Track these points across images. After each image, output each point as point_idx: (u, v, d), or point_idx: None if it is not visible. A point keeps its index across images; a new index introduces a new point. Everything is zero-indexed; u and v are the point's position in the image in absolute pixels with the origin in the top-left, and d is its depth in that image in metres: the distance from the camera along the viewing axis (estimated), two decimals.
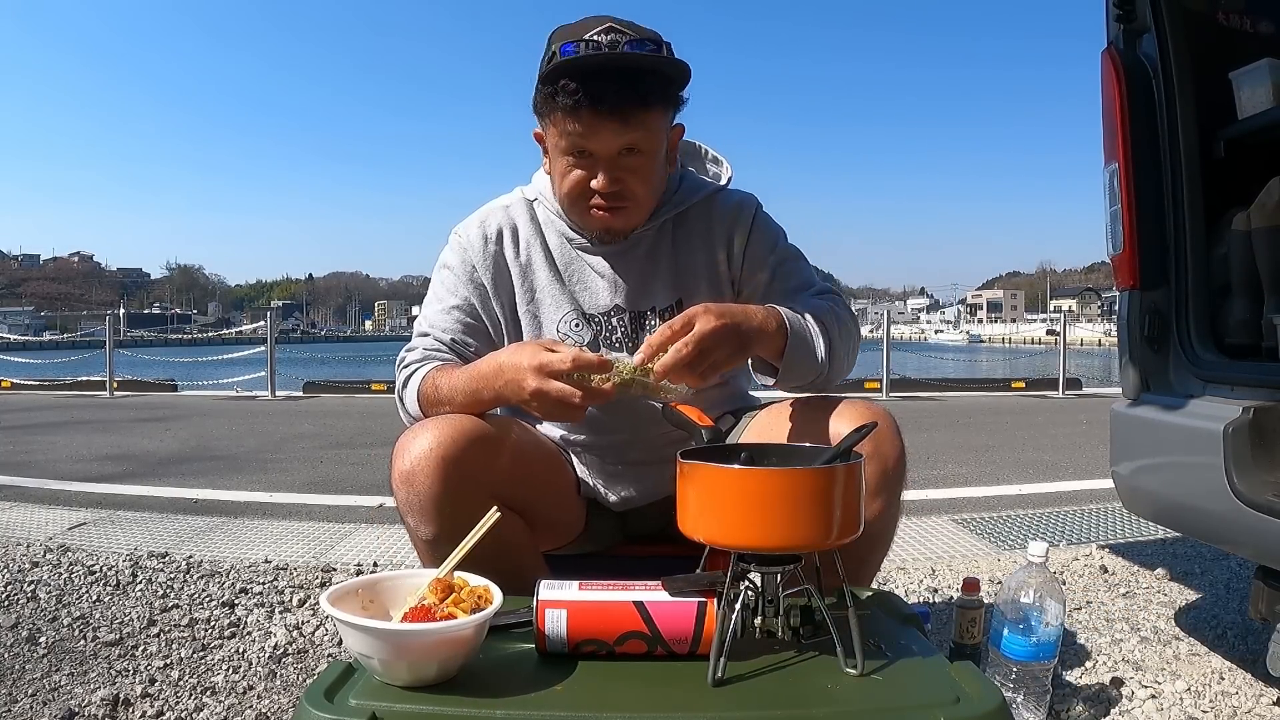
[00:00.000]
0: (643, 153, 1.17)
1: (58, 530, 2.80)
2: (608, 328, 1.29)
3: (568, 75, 1.11)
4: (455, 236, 1.33)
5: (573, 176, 1.19)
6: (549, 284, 1.30)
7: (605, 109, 1.11)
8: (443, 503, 1.05)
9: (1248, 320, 1.60)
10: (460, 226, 1.33)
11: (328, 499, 3.49)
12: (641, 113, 1.14)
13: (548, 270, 1.30)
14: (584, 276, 1.30)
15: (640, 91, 1.12)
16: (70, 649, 1.70)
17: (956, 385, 9.57)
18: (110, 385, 9.28)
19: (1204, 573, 2.23)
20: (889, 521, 1.17)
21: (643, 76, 1.12)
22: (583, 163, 1.17)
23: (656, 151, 1.20)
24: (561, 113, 1.13)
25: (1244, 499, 1.31)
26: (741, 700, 0.76)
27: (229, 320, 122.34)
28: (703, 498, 0.82)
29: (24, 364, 11.68)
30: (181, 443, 5.35)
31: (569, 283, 1.30)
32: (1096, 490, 3.43)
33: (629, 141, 1.15)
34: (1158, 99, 1.64)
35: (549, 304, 1.30)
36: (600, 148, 1.15)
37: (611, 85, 1.10)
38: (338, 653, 1.69)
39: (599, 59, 1.11)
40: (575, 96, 1.10)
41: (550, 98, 1.13)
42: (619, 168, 1.17)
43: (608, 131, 1.13)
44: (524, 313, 1.30)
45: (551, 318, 1.29)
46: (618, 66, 1.11)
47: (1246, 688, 1.51)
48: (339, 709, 0.73)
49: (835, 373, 1.21)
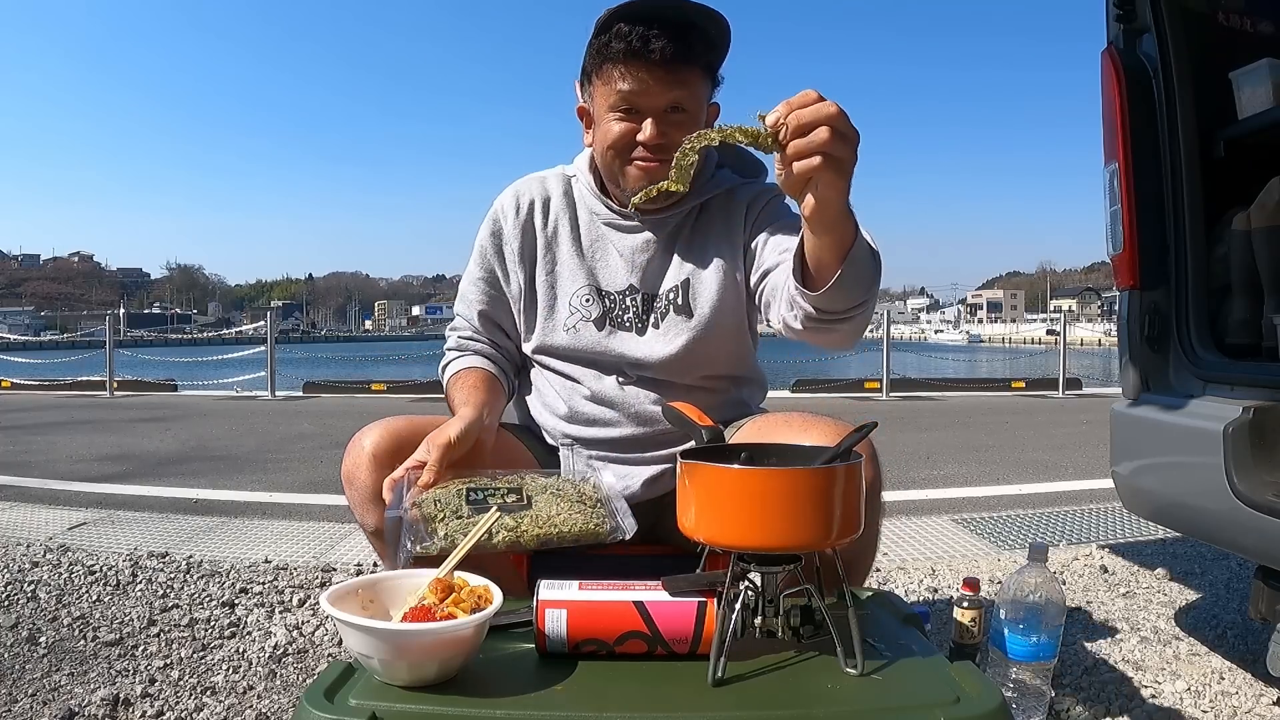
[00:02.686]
0: (687, 111, 1.22)
1: (58, 530, 2.80)
2: (620, 306, 1.32)
3: (622, 20, 1.17)
4: (492, 209, 1.38)
5: (618, 128, 1.23)
6: (570, 257, 1.33)
7: (655, 57, 1.16)
8: (378, 497, 1.11)
9: (1248, 320, 1.60)
10: (500, 196, 1.39)
11: (328, 499, 3.49)
12: (685, 68, 1.19)
13: (571, 244, 1.34)
14: (605, 254, 1.33)
15: (687, 43, 1.18)
16: (70, 649, 1.70)
17: (956, 385, 9.57)
18: (110, 385, 9.28)
19: (1204, 573, 2.23)
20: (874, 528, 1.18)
21: (689, 31, 1.18)
22: (630, 118, 1.22)
23: (698, 114, 1.24)
24: (611, 62, 1.19)
25: (1244, 499, 1.31)
26: (741, 700, 0.76)
27: (229, 320, 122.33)
28: (703, 498, 0.82)
29: (24, 364, 11.68)
30: (181, 443, 5.35)
31: (589, 258, 1.33)
32: (1096, 490, 3.43)
33: (675, 98, 1.20)
34: (1158, 99, 1.64)
35: (566, 276, 1.33)
36: (648, 102, 1.20)
37: (663, 34, 1.16)
38: (338, 653, 1.69)
39: (652, 6, 1.17)
40: (628, 40, 1.16)
41: (604, 47, 1.19)
42: (665, 123, 1.21)
43: (656, 83, 1.18)
44: (541, 283, 1.34)
45: (566, 290, 1.33)
46: (670, 18, 1.17)
47: (1246, 688, 1.51)
48: (339, 709, 0.73)
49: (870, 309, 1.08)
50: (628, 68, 1.18)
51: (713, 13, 1.20)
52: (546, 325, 1.34)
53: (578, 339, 1.32)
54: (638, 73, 1.18)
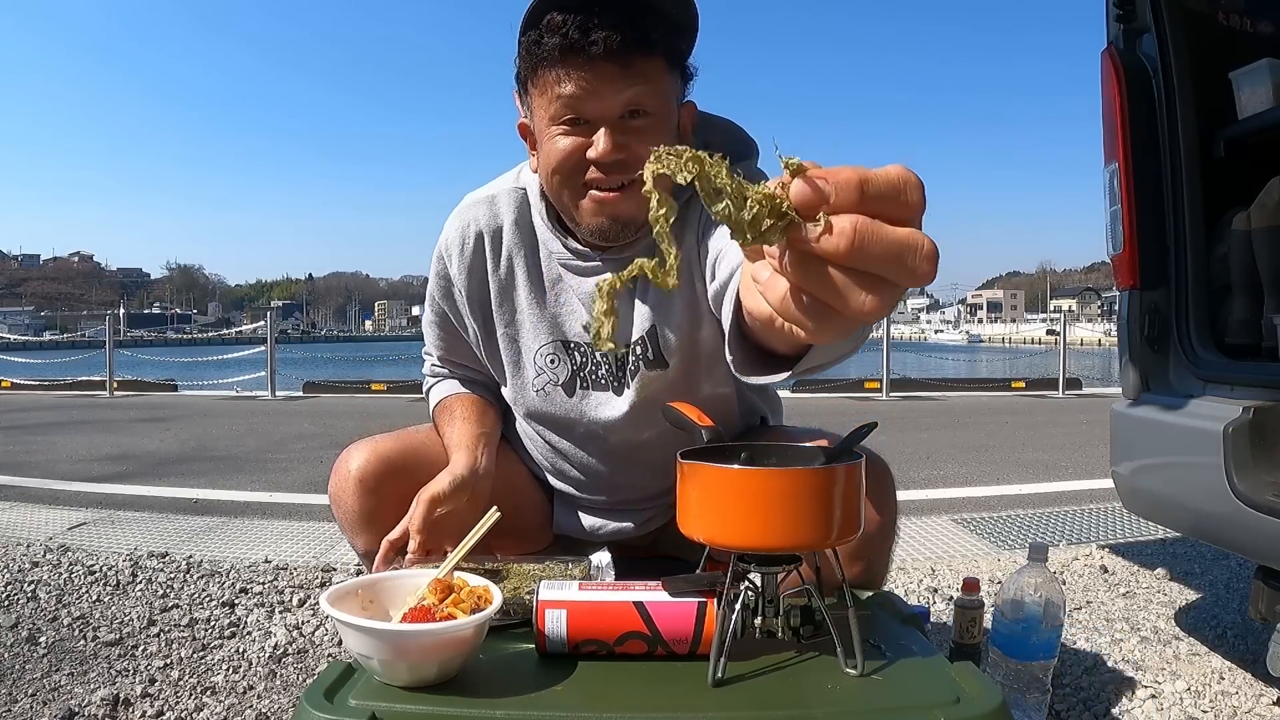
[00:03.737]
0: (650, 114, 0.97)
1: (58, 530, 2.80)
2: (592, 362, 1.13)
3: (555, 8, 0.93)
4: (437, 250, 1.18)
5: (563, 144, 0.97)
6: (529, 306, 1.13)
7: (599, 50, 0.92)
8: (366, 521, 1.10)
9: (1248, 320, 1.60)
10: (443, 235, 1.17)
11: (328, 499, 3.49)
12: (642, 60, 0.94)
13: (529, 290, 1.12)
14: (567, 300, 1.12)
15: (641, 29, 0.93)
16: (70, 649, 1.70)
17: (956, 385, 9.56)
18: (110, 385, 9.27)
19: (1204, 573, 2.23)
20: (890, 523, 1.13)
21: (643, 15, 0.93)
22: (577, 130, 0.97)
23: (666, 117, 0.99)
24: (546, 64, 0.95)
25: (1244, 499, 1.31)
26: (741, 700, 0.76)
27: (229, 320, 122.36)
28: (703, 498, 0.82)
29: (24, 364, 11.67)
30: (181, 443, 5.35)
31: (551, 304, 1.12)
32: (1096, 490, 3.43)
33: (631, 99, 0.95)
34: (1158, 99, 1.64)
35: (528, 329, 1.14)
36: (598, 109, 0.95)
37: (608, 20, 0.91)
38: (338, 653, 1.69)
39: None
40: (562, 32, 0.92)
41: (534, 45, 0.95)
42: (623, 132, 0.97)
43: (605, 83, 0.94)
44: (502, 335, 1.16)
45: (530, 346, 1.14)
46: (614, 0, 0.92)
47: (1246, 688, 1.51)
48: (339, 709, 0.73)
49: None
50: (566, 68, 0.94)
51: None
52: (516, 382, 1.17)
53: (549, 403, 1.16)
54: (579, 72, 0.94)
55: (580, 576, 0.98)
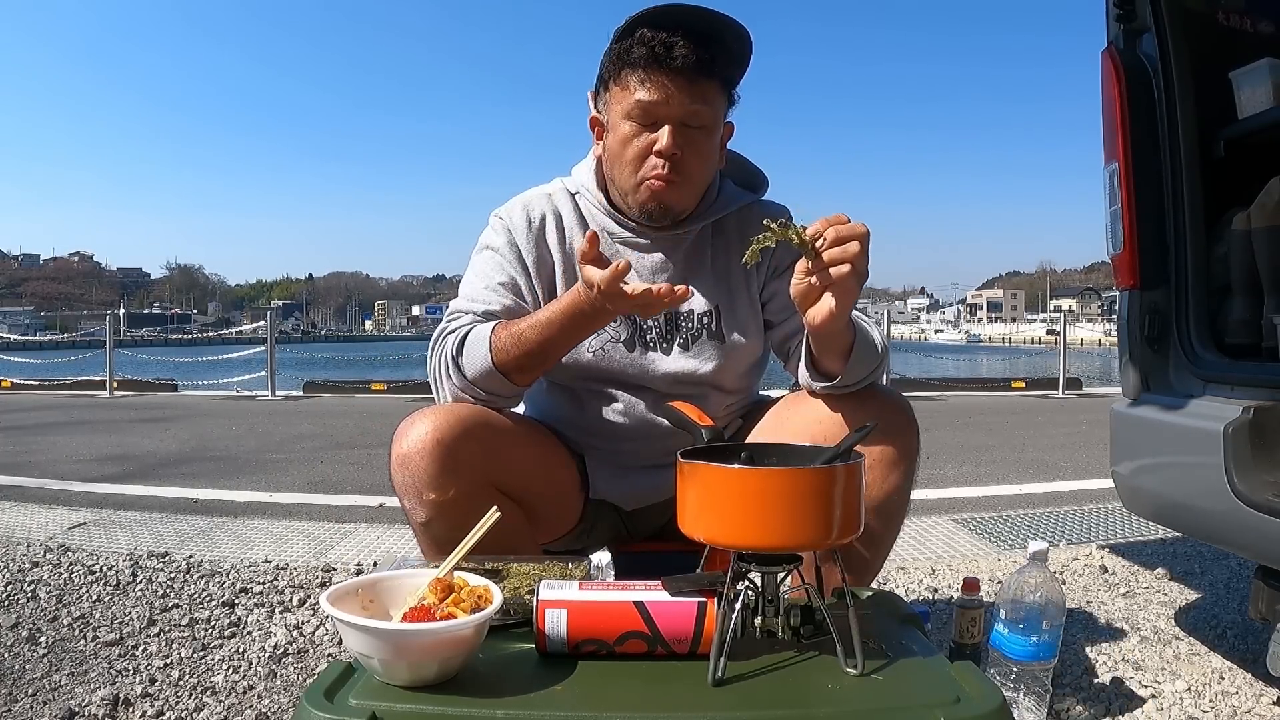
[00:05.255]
0: (703, 127, 1.20)
1: (58, 530, 2.80)
2: (644, 325, 1.31)
3: (645, 25, 1.16)
4: (497, 219, 1.33)
5: (633, 136, 1.20)
6: None
7: (678, 64, 1.15)
8: (436, 484, 1.10)
9: (1248, 320, 1.59)
10: (502, 210, 1.34)
11: (328, 499, 3.49)
12: (705, 81, 1.18)
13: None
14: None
15: (710, 53, 1.16)
16: (70, 649, 1.70)
17: (956, 385, 9.57)
18: (110, 385, 9.28)
19: (1204, 573, 2.23)
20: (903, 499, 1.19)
21: (710, 42, 1.17)
22: (646, 128, 1.20)
23: (714, 132, 1.23)
24: (631, 68, 1.17)
25: (1244, 499, 1.31)
26: (741, 700, 0.76)
27: (229, 320, 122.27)
28: (703, 497, 0.82)
29: (24, 364, 11.67)
30: (181, 443, 5.35)
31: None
32: (1096, 490, 3.43)
33: (693, 112, 1.18)
34: (1158, 99, 1.64)
35: None
36: (666, 111, 1.18)
37: (687, 42, 1.15)
38: (338, 653, 1.69)
39: (677, 11, 1.16)
40: (650, 45, 1.15)
41: (625, 53, 1.17)
42: (681, 136, 1.19)
43: (677, 91, 1.16)
44: None
45: None
46: (695, 27, 1.16)
47: (1246, 688, 1.51)
48: (339, 709, 0.73)
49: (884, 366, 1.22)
50: (648, 74, 1.16)
51: (738, 27, 1.19)
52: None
53: (604, 359, 1.30)
54: (659, 79, 1.16)
55: (580, 576, 0.98)
